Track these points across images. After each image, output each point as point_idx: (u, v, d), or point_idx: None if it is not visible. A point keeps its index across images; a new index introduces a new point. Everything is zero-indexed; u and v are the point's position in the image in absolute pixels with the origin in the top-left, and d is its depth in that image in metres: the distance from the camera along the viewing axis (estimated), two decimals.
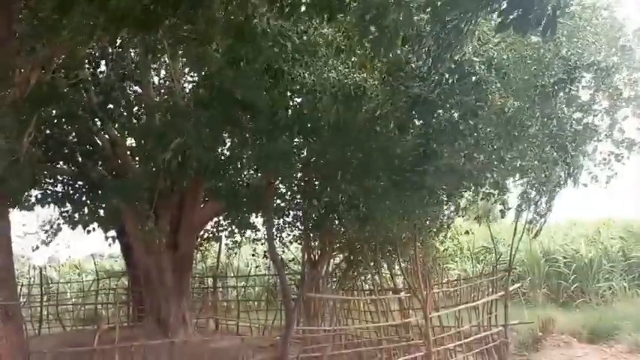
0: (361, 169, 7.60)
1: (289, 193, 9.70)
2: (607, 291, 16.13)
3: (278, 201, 9.80)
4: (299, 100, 7.69)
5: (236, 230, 12.21)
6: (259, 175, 9.45)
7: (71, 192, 11.20)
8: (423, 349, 9.53)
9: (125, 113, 10.80)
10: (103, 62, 10.50)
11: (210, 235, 13.21)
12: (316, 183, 8.84)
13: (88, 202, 11.05)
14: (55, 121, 9.83)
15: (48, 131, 9.85)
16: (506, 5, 4.56)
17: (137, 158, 10.72)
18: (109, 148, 10.60)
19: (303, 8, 5.27)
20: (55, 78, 7.98)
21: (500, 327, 11.16)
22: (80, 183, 11.17)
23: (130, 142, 11.03)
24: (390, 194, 7.72)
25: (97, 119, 10.57)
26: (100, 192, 10.56)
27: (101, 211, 10.89)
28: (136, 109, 11.23)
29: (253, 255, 14.14)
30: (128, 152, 10.75)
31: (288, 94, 7.37)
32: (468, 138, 7.10)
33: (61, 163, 10.87)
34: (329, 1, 4.65)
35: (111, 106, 10.63)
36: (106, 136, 10.69)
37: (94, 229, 11.17)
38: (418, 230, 9.81)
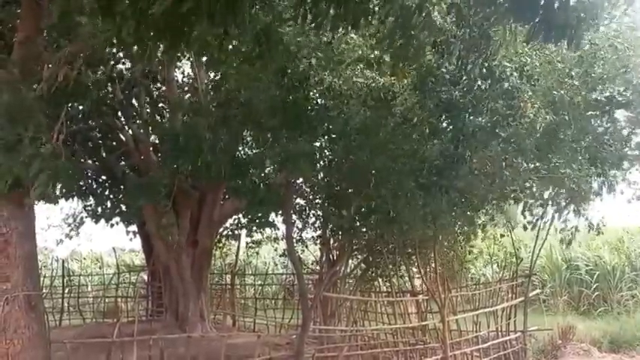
0: (388, 172, 7.55)
1: (311, 193, 9.70)
2: (630, 300, 15.83)
3: (298, 200, 9.81)
4: (322, 101, 7.67)
5: (255, 228, 12.27)
6: (279, 174, 9.46)
7: (95, 186, 11.36)
8: (439, 353, 9.48)
9: (148, 110, 10.92)
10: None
11: (230, 233, 13.28)
12: (337, 185, 8.81)
13: (111, 196, 11.19)
14: (81, 116, 9.98)
15: (74, 126, 9.99)
16: (530, 15, 4.51)
17: (159, 154, 10.83)
18: (132, 144, 10.74)
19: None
20: (82, 74, 8.08)
21: (518, 333, 11.05)
22: (103, 178, 11.32)
23: (153, 138, 11.15)
24: (417, 198, 7.65)
25: (120, 115, 10.71)
26: (122, 187, 10.71)
27: (123, 206, 11.03)
28: (160, 105, 11.35)
29: (280, 255, 14.14)
30: (151, 148, 10.87)
31: (313, 95, 7.36)
32: (501, 144, 7.02)
33: (85, 157, 11.03)
34: (354, 9, 4.57)
35: (134, 102, 10.76)
36: (130, 132, 10.83)
37: (116, 223, 11.32)
38: (442, 233, 9.73)
